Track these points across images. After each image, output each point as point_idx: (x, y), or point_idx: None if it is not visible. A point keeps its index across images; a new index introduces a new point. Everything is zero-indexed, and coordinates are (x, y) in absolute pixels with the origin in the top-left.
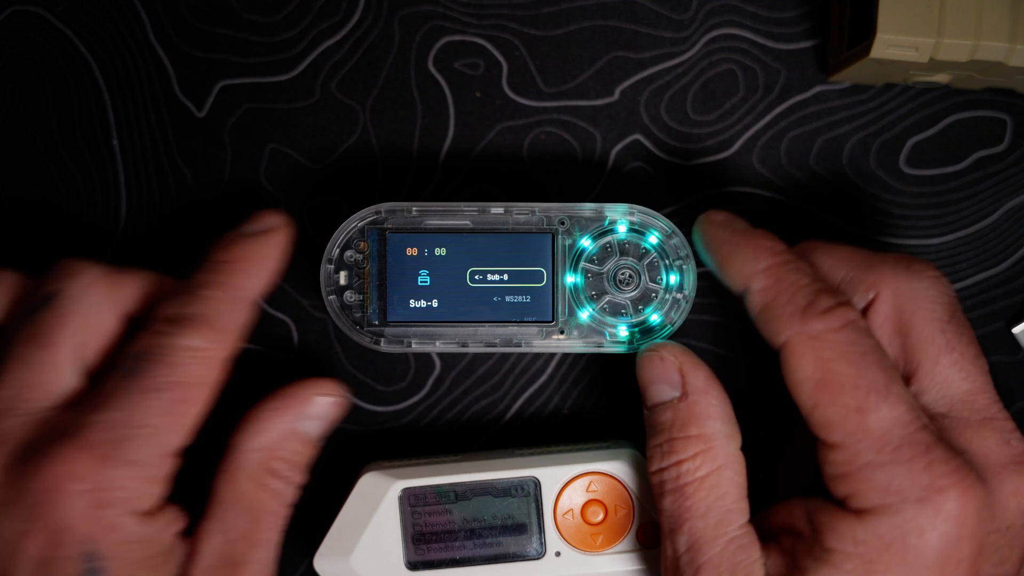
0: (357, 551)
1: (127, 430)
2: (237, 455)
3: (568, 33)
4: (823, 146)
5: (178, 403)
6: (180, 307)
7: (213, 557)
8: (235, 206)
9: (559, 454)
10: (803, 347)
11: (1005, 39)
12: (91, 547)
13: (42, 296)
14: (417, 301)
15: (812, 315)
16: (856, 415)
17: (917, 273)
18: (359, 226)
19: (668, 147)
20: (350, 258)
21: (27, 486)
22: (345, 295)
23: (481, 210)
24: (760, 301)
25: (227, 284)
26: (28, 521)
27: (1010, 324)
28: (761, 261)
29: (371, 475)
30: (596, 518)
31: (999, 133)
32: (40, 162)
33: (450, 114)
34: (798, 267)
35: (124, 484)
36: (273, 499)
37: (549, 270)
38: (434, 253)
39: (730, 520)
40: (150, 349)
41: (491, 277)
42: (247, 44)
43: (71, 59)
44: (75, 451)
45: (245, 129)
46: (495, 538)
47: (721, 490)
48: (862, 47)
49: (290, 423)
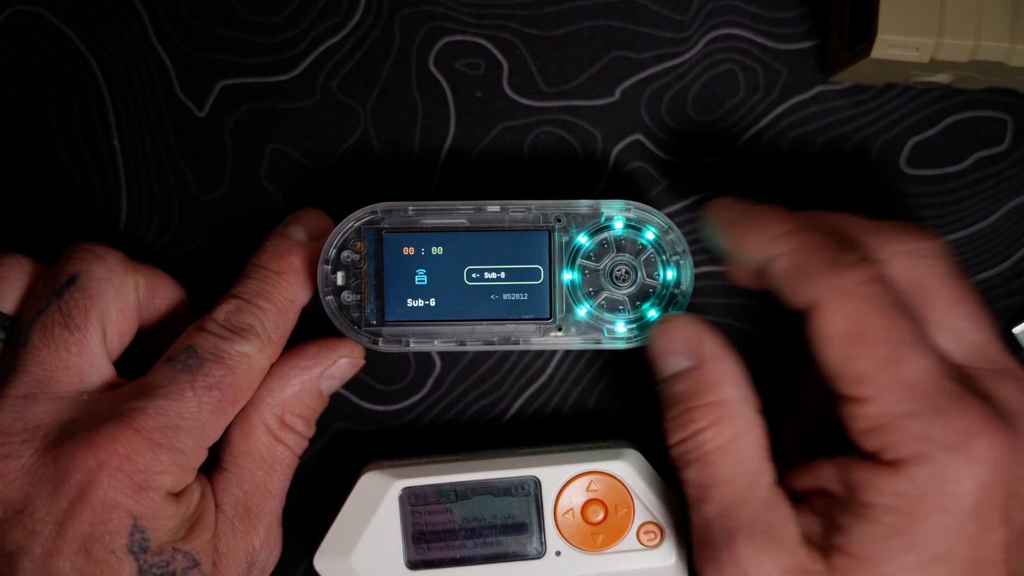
0: (357, 550)
1: (178, 420)
2: (255, 408)
3: (569, 33)
4: (823, 146)
5: (227, 403)
6: (236, 315)
7: (232, 509)
8: (235, 206)
9: (559, 453)
10: (835, 302)
11: (1005, 39)
12: (135, 521)
13: (66, 277)
14: (415, 300)
15: (840, 270)
16: (890, 366)
17: (918, 235)
18: (355, 226)
19: (669, 147)
20: (347, 258)
21: (75, 463)
22: (343, 295)
23: (477, 208)
24: (786, 264)
25: (279, 297)
26: (74, 499)
27: (1010, 324)
28: (780, 226)
29: (371, 474)
30: (596, 517)
31: (1000, 133)
32: (40, 162)
33: (451, 114)
34: (818, 225)
35: (166, 470)
36: (287, 451)
37: (546, 267)
38: (431, 252)
39: (758, 483)
40: (210, 349)
41: (488, 275)
42: (247, 44)
43: (71, 59)
44: (130, 432)
45: (245, 129)
46: (495, 537)
47: (745, 454)
48: (863, 47)
49: (313, 380)
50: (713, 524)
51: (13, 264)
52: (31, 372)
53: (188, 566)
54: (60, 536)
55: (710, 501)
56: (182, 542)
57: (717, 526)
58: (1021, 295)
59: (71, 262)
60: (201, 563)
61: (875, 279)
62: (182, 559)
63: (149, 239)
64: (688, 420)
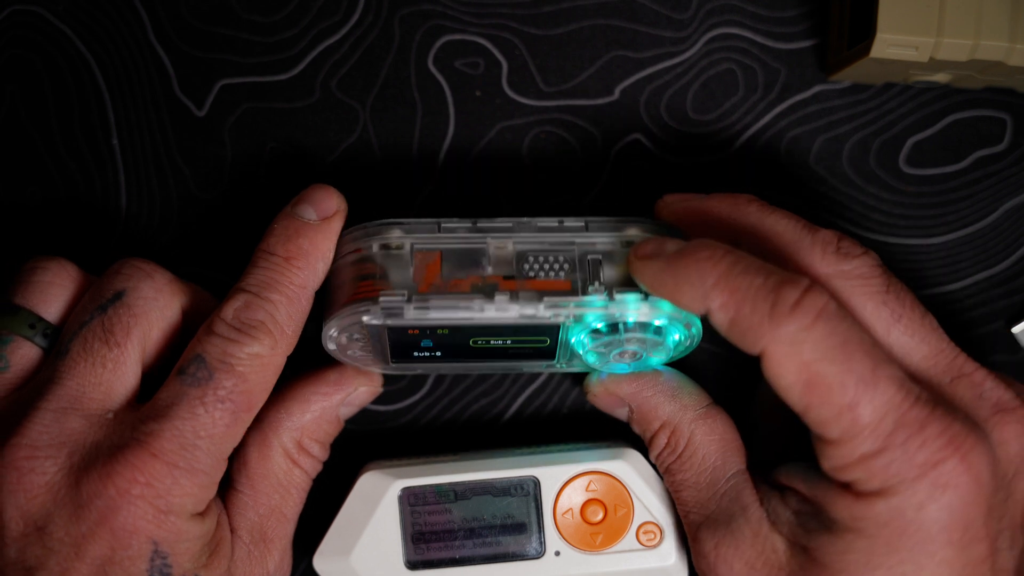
0: (357, 550)
1: (194, 439)
2: (274, 431)
3: (568, 32)
4: (823, 146)
5: (242, 412)
6: (245, 311)
7: (248, 535)
8: (235, 205)
9: (558, 453)
10: (781, 355)
11: (1005, 38)
12: (155, 547)
13: (113, 293)
14: (420, 353)
15: (781, 316)
16: (848, 411)
17: (845, 255)
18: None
19: (668, 146)
20: (350, 336)
21: (97, 490)
22: (347, 352)
23: (484, 300)
24: (724, 319)
25: (290, 285)
26: (94, 524)
27: (1010, 324)
28: (708, 277)
29: (371, 474)
30: (596, 517)
31: (999, 133)
32: (40, 162)
33: (450, 113)
34: (746, 266)
35: (187, 492)
36: (303, 475)
37: (554, 340)
38: (436, 332)
39: (718, 477)
40: (218, 356)
41: (494, 342)
42: (247, 44)
43: (71, 59)
44: (148, 458)
45: (245, 128)
46: (495, 537)
47: (699, 456)
48: (862, 47)
49: (333, 407)
50: (686, 523)
51: (59, 271)
52: (66, 386)
53: None
54: (78, 557)
55: (681, 503)
56: (204, 569)
57: (688, 524)
58: (1020, 295)
59: (119, 278)
60: None
61: (821, 316)
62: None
63: (148, 237)
64: (651, 446)
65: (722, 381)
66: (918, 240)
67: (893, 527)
